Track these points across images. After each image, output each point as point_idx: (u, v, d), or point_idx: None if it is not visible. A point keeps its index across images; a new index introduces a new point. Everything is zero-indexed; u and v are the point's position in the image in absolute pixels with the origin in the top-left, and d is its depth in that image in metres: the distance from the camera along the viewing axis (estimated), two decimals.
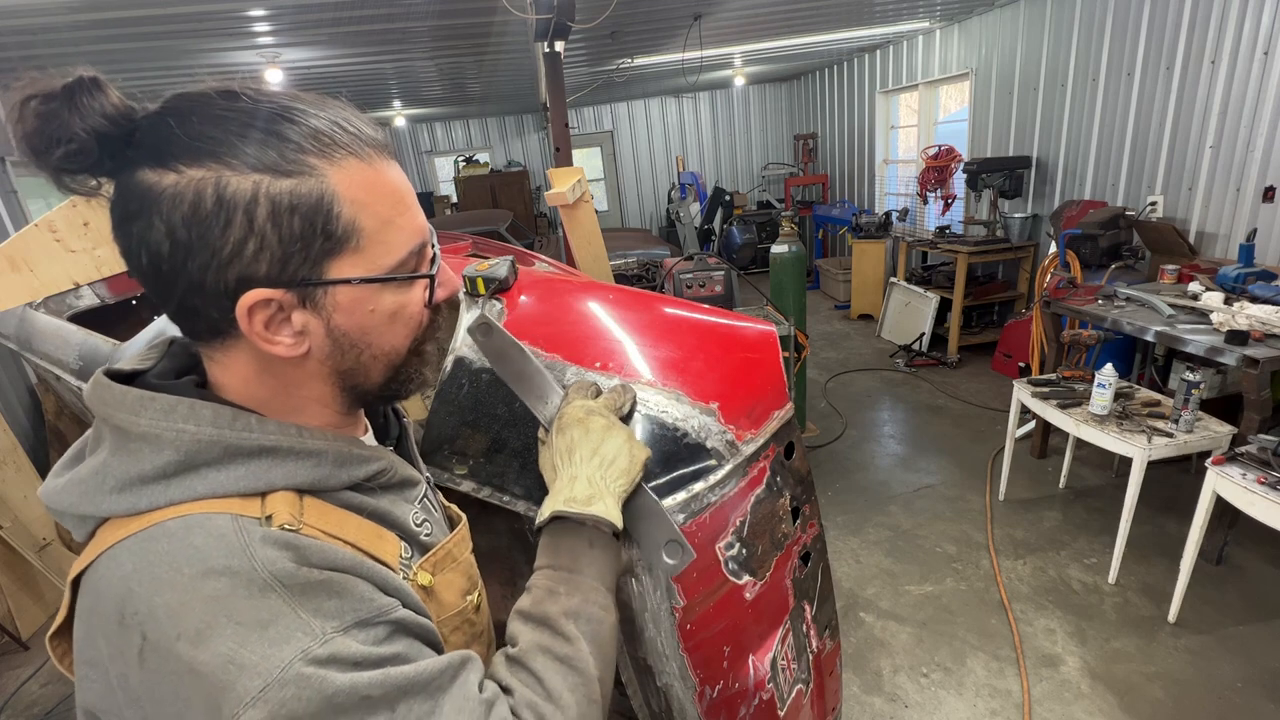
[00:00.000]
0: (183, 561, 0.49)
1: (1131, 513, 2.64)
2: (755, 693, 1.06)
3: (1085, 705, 2.23)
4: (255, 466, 0.55)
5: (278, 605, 0.48)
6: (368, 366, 0.60)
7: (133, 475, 0.52)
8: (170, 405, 0.54)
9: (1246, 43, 3.55)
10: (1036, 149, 5.24)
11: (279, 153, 0.50)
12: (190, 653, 0.47)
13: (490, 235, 5.87)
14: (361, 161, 0.54)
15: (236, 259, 0.50)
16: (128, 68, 4.32)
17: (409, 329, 0.61)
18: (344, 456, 0.60)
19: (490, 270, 1.32)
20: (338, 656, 0.48)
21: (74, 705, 0.56)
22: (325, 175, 0.52)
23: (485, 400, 1.11)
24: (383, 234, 0.55)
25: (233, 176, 0.49)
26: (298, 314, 0.54)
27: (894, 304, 6.23)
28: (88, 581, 0.53)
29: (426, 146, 10.13)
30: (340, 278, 0.54)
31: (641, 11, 4.42)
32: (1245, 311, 2.73)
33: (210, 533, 0.50)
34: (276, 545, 0.51)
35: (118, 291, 3.37)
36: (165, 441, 0.53)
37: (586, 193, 2.89)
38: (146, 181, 0.49)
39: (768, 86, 10.17)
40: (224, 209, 0.49)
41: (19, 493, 3.25)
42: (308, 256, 0.52)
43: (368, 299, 0.56)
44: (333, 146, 0.52)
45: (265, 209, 0.50)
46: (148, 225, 0.49)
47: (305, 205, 0.51)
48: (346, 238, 0.53)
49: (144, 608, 0.48)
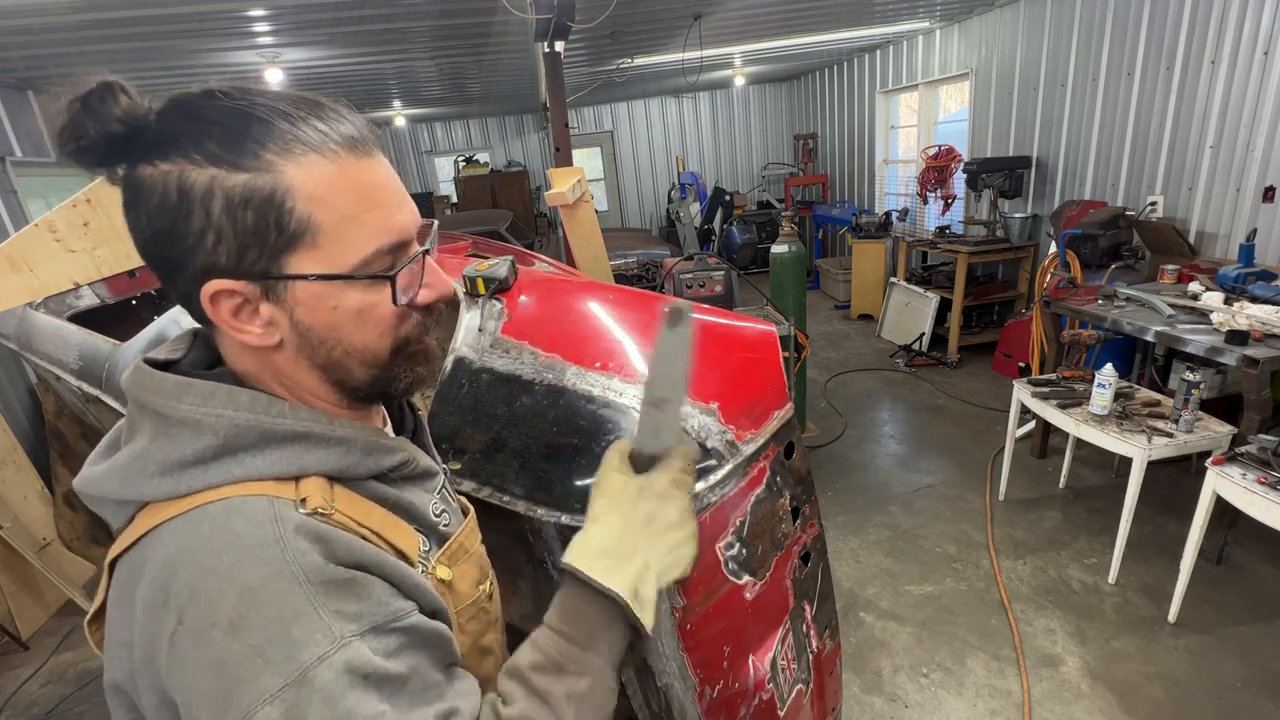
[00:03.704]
0: (222, 548, 0.51)
1: (1131, 513, 2.64)
2: (755, 693, 1.06)
3: (1085, 705, 2.23)
4: (289, 451, 0.57)
5: (302, 603, 0.50)
6: (343, 364, 0.60)
7: (173, 460, 0.54)
8: (209, 391, 0.56)
9: (1246, 43, 3.55)
10: (1036, 149, 5.24)
11: (237, 148, 0.52)
12: (223, 642, 0.48)
13: (490, 235, 5.87)
14: (324, 159, 0.54)
15: (199, 249, 0.53)
16: (128, 68, 4.32)
17: (381, 329, 0.59)
18: (371, 445, 0.62)
19: (490, 270, 1.32)
20: (351, 665, 0.49)
21: (74, 705, 0.56)
22: (281, 171, 0.52)
23: (485, 400, 1.11)
24: (343, 230, 0.55)
25: (193, 170, 0.51)
26: (263, 306, 0.56)
27: (894, 304, 6.23)
28: (128, 563, 0.55)
29: (426, 146, 10.13)
30: (296, 273, 0.55)
31: (641, 11, 4.41)
32: (1245, 311, 2.73)
33: (248, 518, 0.52)
34: (308, 537, 0.52)
35: (118, 291, 3.37)
36: (205, 426, 0.55)
37: (586, 193, 2.89)
38: (137, 175, 0.53)
39: (768, 86, 10.16)
40: (185, 200, 0.51)
41: (19, 493, 3.25)
42: (263, 250, 0.53)
43: (328, 295, 0.56)
44: (293, 143, 0.53)
45: (220, 202, 0.52)
46: (137, 216, 0.54)
47: (258, 199, 0.52)
48: (301, 233, 0.54)
49: (186, 591, 0.50)
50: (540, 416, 1.05)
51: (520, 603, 1.42)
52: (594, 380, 1.07)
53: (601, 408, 1.04)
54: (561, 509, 0.99)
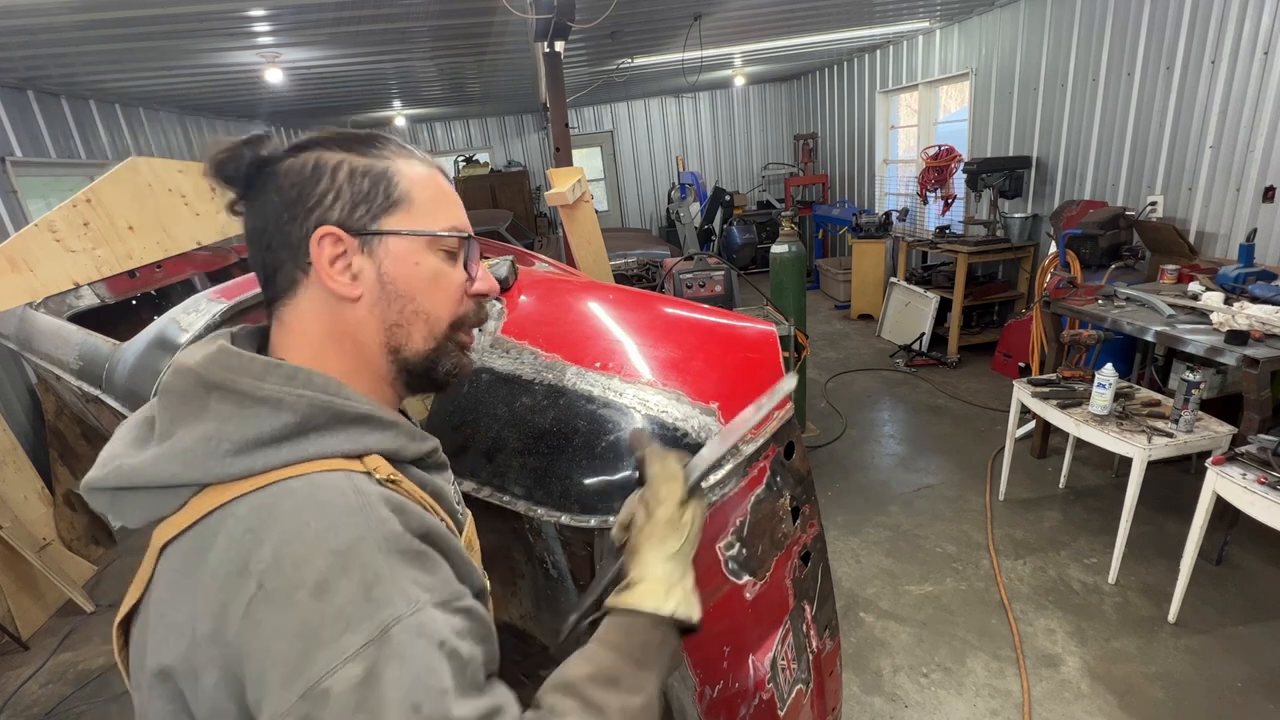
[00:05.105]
0: (310, 516, 0.54)
1: (1131, 513, 2.64)
2: (755, 692, 1.06)
3: (1085, 705, 2.23)
4: (355, 432, 0.62)
5: (383, 567, 0.53)
6: (410, 325, 0.68)
7: (250, 438, 0.57)
8: (292, 372, 0.61)
9: (1246, 43, 3.55)
10: (1036, 149, 5.24)
11: (363, 144, 0.68)
12: (309, 603, 0.50)
13: (490, 235, 5.87)
14: (422, 164, 0.71)
15: (318, 206, 0.64)
16: (128, 68, 4.32)
17: (449, 299, 0.70)
18: (413, 431, 0.69)
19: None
20: (426, 629, 0.52)
21: (74, 705, 0.56)
22: (392, 160, 0.68)
23: (485, 400, 1.11)
24: (430, 208, 0.69)
25: (328, 153, 0.66)
26: (357, 259, 0.65)
27: (894, 304, 6.23)
28: (186, 544, 0.56)
29: (426, 146, 10.13)
30: (394, 229, 0.66)
31: (641, 11, 4.42)
32: (1245, 311, 2.73)
33: (331, 489, 0.56)
34: (389, 506, 0.57)
35: (118, 291, 3.37)
36: (285, 405, 0.59)
37: (586, 193, 2.89)
38: (275, 169, 0.65)
39: (768, 86, 10.16)
40: (317, 170, 0.65)
41: (19, 493, 3.25)
42: (370, 209, 0.66)
43: (414, 253, 0.67)
44: (401, 150, 0.70)
45: (345, 171, 0.66)
46: (265, 201, 0.65)
47: (374, 172, 0.67)
48: (401, 201, 0.67)
49: (269, 557, 0.52)
50: (540, 416, 1.05)
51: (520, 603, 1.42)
52: (594, 380, 1.07)
53: (601, 408, 1.04)
54: (561, 509, 0.99)
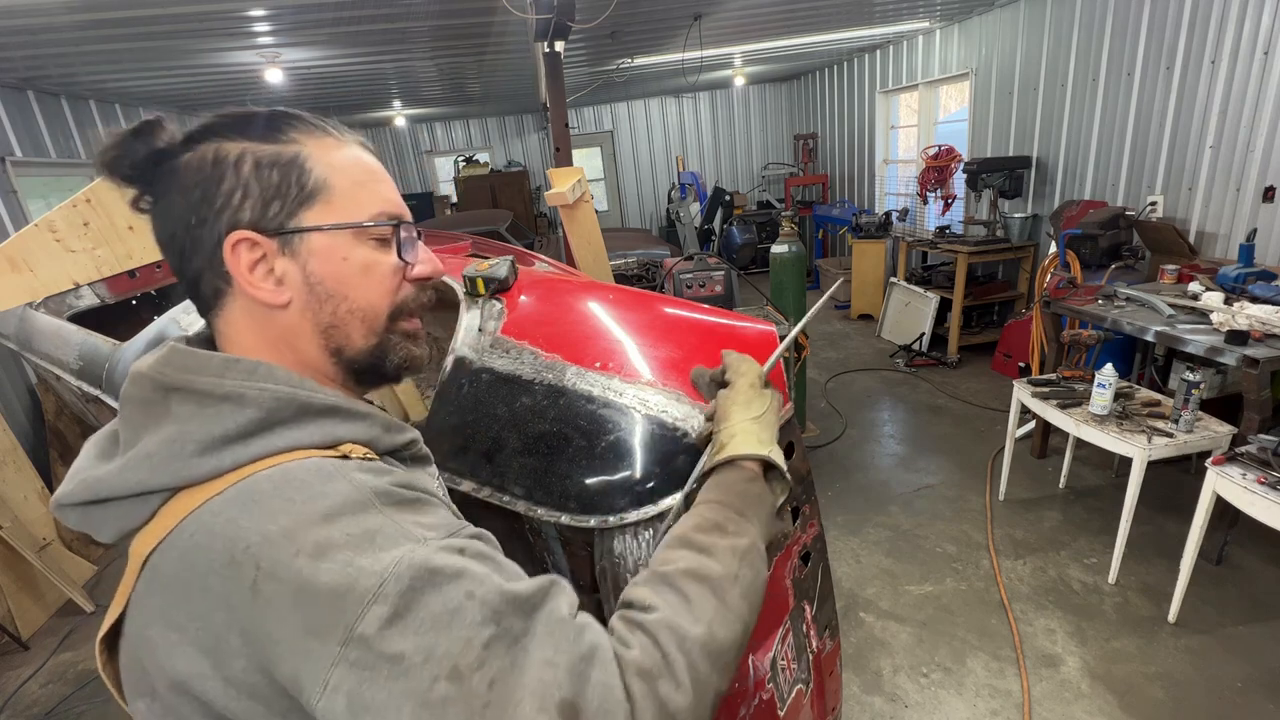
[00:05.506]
0: (291, 491, 0.53)
1: (1131, 513, 2.64)
2: (755, 693, 1.06)
3: (1085, 705, 2.23)
4: (324, 424, 0.60)
5: (380, 520, 0.52)
6: (346, 323, 0.63)
7: (215, 436, 0.55)
8: (252, 367, 0.59)
9: (1246, 43, 3.55)
10: (1036, 149, 5.24)
11: (266, 129, 0.61)
12: (310, 566, 0.49)
13: (490, 235, 5.87)
14: (338, 141, 0.64)
15: (227, 208, 0.59)
16: (128, 68, 4.32)
17: (384, 289, 0.65)
18: (388, 422, 0.66)
19: (490, 270, 1.32)
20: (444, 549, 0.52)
21: (74, 705, 0.56)
22: (303, 144, 0.62)
23: (485, 400, 1.11)
24: (353, 193, 0.63)
25: (227, 144, 0.60)
26: (279, 261, 0.61)
27: (894, 304, 6.23)
28: (168, 552, 0.53)
29: (426, 146, 10.13)
30: (313, 225, 0.61)
31: (641, 11, 4.42)
32: (1245, 311, 2.73)
33: (308, 467, 0.55)
34: (370, 472, 0.56)
35: (118, 291, 3.37)
36: (249, 400, 0.57)
37: (586, 193, 2.89)
38: (174, 164, 0.60)
39: (768, 86, 10.16)
40: (219, 166, 0.59)
41: (19, 493, 3.25)
42: (284, 204, 0.60)
43: (340, 247, 0.62)
44: (313, 128, 0.63)
45: (250, 164, 0.60)
46: (169, 201, 0.60)
47: (282, 161, 0.60)
48: (318, 191, 0.61)
49: (256, 538, 0.50)
50: (540, 416, 1.05)
51: None
52: (594, 380, 1.07)
53: (601, 408, 1.04)
54: (561, 509, 0.99)
